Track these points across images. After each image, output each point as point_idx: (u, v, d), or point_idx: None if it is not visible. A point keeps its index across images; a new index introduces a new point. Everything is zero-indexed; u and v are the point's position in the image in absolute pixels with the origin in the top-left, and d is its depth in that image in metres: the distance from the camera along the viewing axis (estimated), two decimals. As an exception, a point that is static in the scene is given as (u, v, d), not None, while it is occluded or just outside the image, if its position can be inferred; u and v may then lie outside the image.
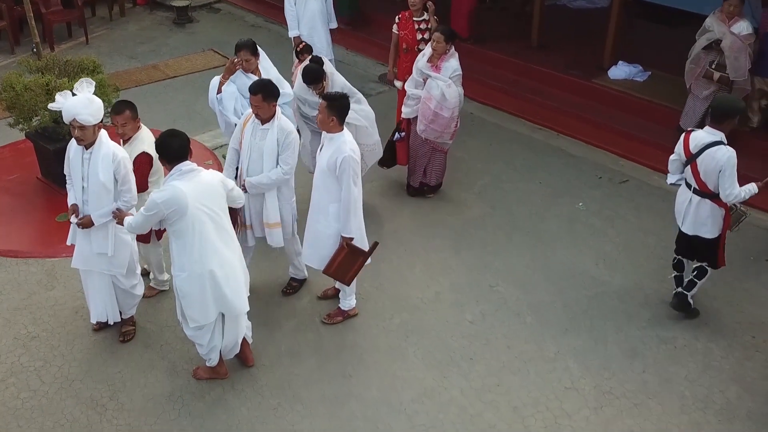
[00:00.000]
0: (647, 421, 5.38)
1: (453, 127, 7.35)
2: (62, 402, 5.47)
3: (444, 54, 7.14)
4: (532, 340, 6.11)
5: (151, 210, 4.90)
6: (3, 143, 8.87)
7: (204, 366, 5.63)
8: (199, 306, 5.14)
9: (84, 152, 5.44)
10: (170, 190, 4.87)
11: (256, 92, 5.68)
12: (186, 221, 4.90)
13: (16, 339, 6.03)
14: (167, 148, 4.94)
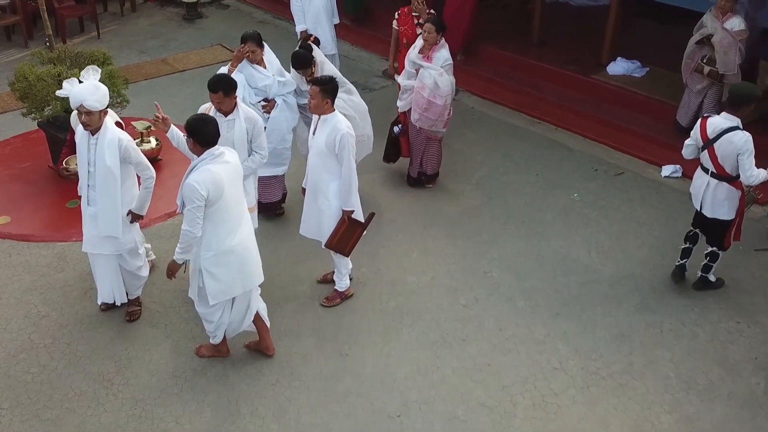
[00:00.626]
0: (631, 400, 5.58)
1: (446, 115, 7.58)
2: (70, 377, 5.72)
3: (435, 45, 7.38)
4: (523, 323, 6.32)
5: (197, 199, 5.00)
6: (16, 133, 9.15)
7: (207, 344, 5.86)
8: (225, 283, 5.34)
9: (90, 138, 5.67)
10: (209, 175, 5.02)
11: (217, 89, 5.77)
12: (220, 203, 5.10)
13: (27, 318, 6.29)
14: (204, 134, 5.10)
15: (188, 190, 5.01)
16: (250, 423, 5.34)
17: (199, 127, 5.10)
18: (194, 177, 5.02)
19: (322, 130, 5.86)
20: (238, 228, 5.31)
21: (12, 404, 5.47)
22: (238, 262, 5.34)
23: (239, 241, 5.31)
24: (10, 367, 5.79)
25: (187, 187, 5.02)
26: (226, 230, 5.23)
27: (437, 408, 5.49)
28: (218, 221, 5.17)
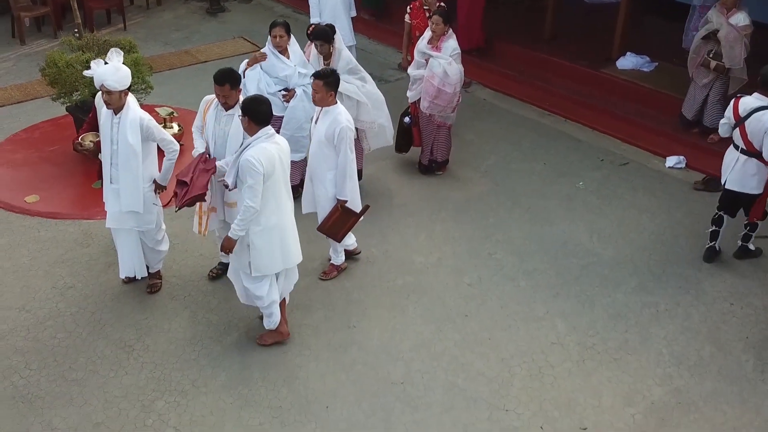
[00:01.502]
0: (625, 373, 5.86)
1: (455, 102, 7.90)
2: (94, 342, 6.08)
3: (443, 35, 7.70)
4: (524, 301, 6.61)
5: (256, 173, 5.27)
6: (44, 118, 9.56)
7: (267, 332, 6.09)
8: (269, 257, 5.63)
9: (113, 117, 6.01)
10: (264, 152, 5.33)
11: (224, 82, 5.90)
12: (270, 181, 5.40)
13: (54, 288, 6.66)
14: (259, 113, 5.37)
15: (247, 166, 5.29)
16: (261, 387, 5.67)
17: (254, 107, 5.39)
18: (251, 153, 5.31)
19: (324, 121, 6.17)
20: (284, 207, 5.62)
21: (40, 365, 5.85)
22: (280, 238, 5.63)
23: (283, 218, 5.62)
24: (39, 332, 6.17)
25: (246, 162, 5.29)
26: (273, 207, 5.52)
27: (438, 377, 5.80)
28: (268, 197, 5.45)
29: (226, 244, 5.61)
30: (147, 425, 5.35)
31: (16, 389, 5.64)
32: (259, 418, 5.42)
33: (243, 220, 5.43)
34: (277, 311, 5.94)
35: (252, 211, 5.39)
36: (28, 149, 8.86)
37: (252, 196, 5.35)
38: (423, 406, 5.55)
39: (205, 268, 6.89)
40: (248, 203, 5.37)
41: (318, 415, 5.45)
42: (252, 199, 5.35)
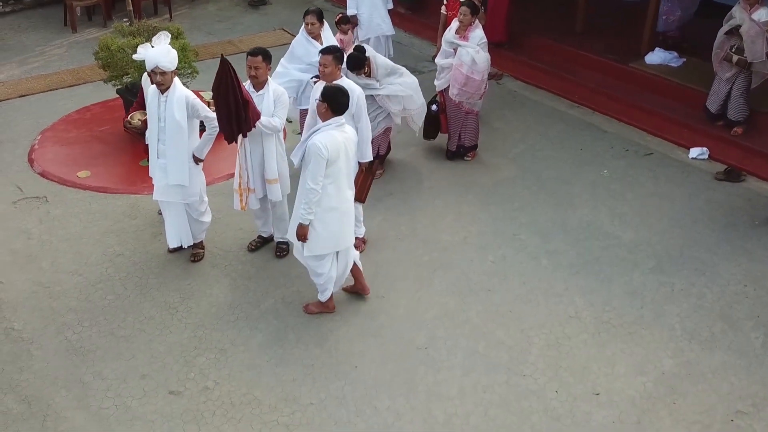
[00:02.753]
0: (638, 346, 6.18)
1: (483, 89, 8.26)
2: (141, 304, 6.55)
3: (470, 25, 8.09)
4: (545, 278, 6.94)
5: (320, 158, 5.60)
6: (95, 101, 10.12)
7: (315, 302, 6.49)
8: (324, 239, 5.99)
9: (160, 96, 6.46)
10: (331, 138, 5.66)
11: (257, 54, 6.36)
12: (334, 166, 5.76)
13: (105, 255, 7.15)
14: (338, 103, 5.70)
15: (313, 150, 5.64)
16: (295, 348, 6.09)
17: (336, 96, 5.72)
18: (319, 138, 5.66)
19: None
20: (344, 193, 5.98)
21: (91, 323, 6.33)
22: (338, 223, 6.00)
23: (343, 204, 5.98)
24: (90, 293, 6.65)
25: (313, 146, 5.65)
26: (333, 192, 5.86)
27: (460, 343, 6.17)
28: (329, 183, 5.80)
29: (299, 231, 5.91)
30: (189, 378, 5.80)
31: (70, 343, 6.13)
32: (293, 375, 5.83)
33: (307, 203, 5.78)
34: (330, 288, 6.30)
35: (314, 194, 5.73)
36: (79, 129, 9.40)
37: (314, 178, 5.69)
38: (445, 369, 5.93)
39: (245, 240, 7.33)
40: (310, 185, 5.71)
41: (347, 374, 5.85)
42: (314, 181, 5.69)
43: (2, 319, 6.37)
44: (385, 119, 7.94)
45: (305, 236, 5.92)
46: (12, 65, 11.36)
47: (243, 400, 5.61)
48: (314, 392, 5.69)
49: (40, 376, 5.83)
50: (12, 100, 10.18)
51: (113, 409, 5.55)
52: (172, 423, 5.42)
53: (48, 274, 6.88)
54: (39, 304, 6.53)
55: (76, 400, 5.62)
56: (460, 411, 5.55)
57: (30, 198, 8.00)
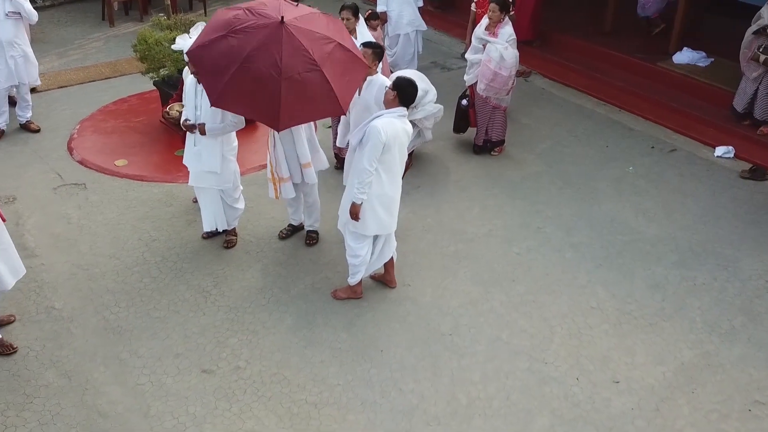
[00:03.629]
0: (658, 336, 6.30)
1: (510, 84, 8.42)
2: (176, 287, 6.79)
3: (499, 22, 8.26)
4: (569, 270, 7.08)
5: (378, 141, 5.79)
6: (132, 93, 10.41)
7: (343, 288, 6.69)
8: (369, 220, 6.18)
9: (197, 85, 6.67)
10: (391, 126, 5.86)
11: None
12: (389, 153, 5.97)
13: (141, 240, 7.40)
14: (408, 94, 5.96)
15: (374, 131, 5.82)
16: (324, 331, 6.29)
17: (406, 87, 5.95)
18: (380, 122, 5.85)
19: (369, 90, 6.72)
20: (395, 180, 6.19)
21: (128, 304, 6.57)
22: (385, 207, 6.21)
23: (392, 190, 6.19)
24: (127, 276, 6.90)
25: (373, 128, 5.83)
26: (384, 178, 6.06)
27: (484, 331, 6.34)
28: (384, 168, 6.01)
29: (353, 209, 6.10)
30: (221, 358, 6.02)
31: (108, 322, 6.38)
32: (321, 357, 6.03)
33: (361, 183, 5.97)
34: (361, 272, 6.49)
35: (368, 174, 5.92)
36: (117, 119, 9.69)
37: (369, 159, 5.89)
38: (468, 354, 6.10)
39: (276, 228, 7.55)
40: (365, 166, 5.91)
41: (373, 357, 6.05)
42: (369, 164, 5.90)
43: (43, 298, 6.63)
44: (416, 137, 8.14)
45: (357, 215, 6.12)
46: (52, 57, 11.69)
47: (273, 380, 5.82)
48: (341, 374, 5.89)
49: (80, 352, 6.08)
50: (52, 90, 10.50)
51: (149, 385, 5.78)
52: (205, 399, 5.65)
53: (87, 257, 7.15)
54: (78, 285, 6.79)
55: (113, 375, 5.86)
56: (482, 395, 5.72)
57: (69, 185, 8.28)
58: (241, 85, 5.86)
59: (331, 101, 5.97)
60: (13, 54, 8.86)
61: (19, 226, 7.51)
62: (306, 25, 6.02)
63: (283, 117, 5.83)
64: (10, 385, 5.75)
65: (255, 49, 5.81)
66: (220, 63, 5.88)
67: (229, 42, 5.88)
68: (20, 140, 9.19)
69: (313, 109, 6.05)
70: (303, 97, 5.89)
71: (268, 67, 5.77)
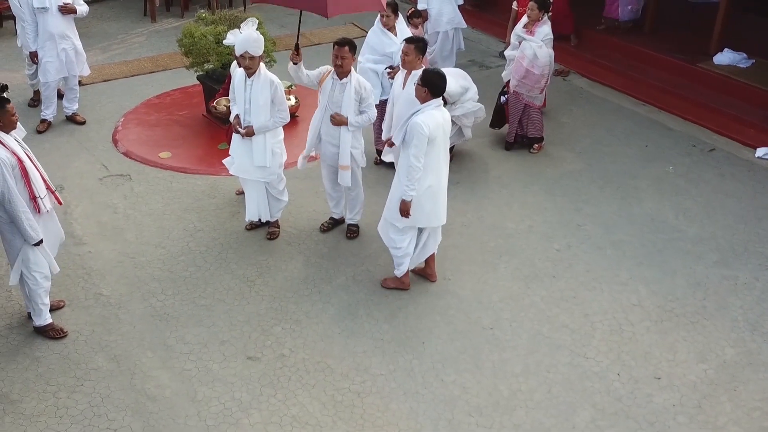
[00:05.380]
0: (700, 334, 6.31)
1: (543, 83, 8.53)
2: (220, 276, 6.91)
3: (537, 21, 8.37)
4: (609, 268, 7.10)
5: (422, 136, 5.88)
6: (175, 87, 10.58)
7: (392, 277, 6.78)
8: (417, 212, 6.27)
9: (246, 80, 6.80)
10: (431, 118, 5.97)
11: (344, 44, 6.63)
12: (433, 145, 6.05)
13: (186, 230, 7.53)
14: (438, 87, 6.01)
15: (415, 128, 5.92)
16: (366, 322, 6.38)
17: (435, 80, 6.00)
18: (420, 118, 5.95)
19: (412, 84, 6.69)
20: (441, 170, 6.28)
21: (174, 292, 6.70)
22: (433, 198, 6.30)
23: (438, 181, 6.28)
24: (173, 265, 7.03)
25: (415, 125, 5.94)
26: (431, 169, 6.16)
27: (525, 325, 6.38)
28: (428, 160, 6.08)
29: (403, 206, 6.19)
30: (266, 345, 6.12)
31: (154, 309, 6.51)
32: (363, 347, 6.12)
33: (411, 180, 6.05)
34: (406, 263, 6.56)
35: (417, 171, 6.02)
36: (160, 112, 9.85)
37: (416, 156, 5.98)
38: (509, 348, 6.15)
39: (318, 221, 7.64)
40: (414, 163, 6.00)
41: (414, 348, 6.12)
42: (417, 159, 5.99)
43: (92, 285, 6.78)
44: (455, 135, 8.23)
45: (408, 211, 6.19)
46: (96, 51, 11.89)
47: (317, 368, 5.91)
48: (384, 364, 5.96)
49: (128, 338, 6.21)
50: (96, 83, 10.69)
51: (195, 370, 5.90)
52: (251, 386, 5.75)
53: (133, 246, 7.29)
54: (125, 273, 6.94)
55: (160, 360, 5.99)
56: (524, 387, 5.77)
57: (115, 175, 8.44)
58: None
59: None
60: (65, 47, 9.05)
61: (67, 214, 7.67)
62: None
63: (331, 3, 6.41)
64: (61, 367, 5.90)
65: None
66: None
67: None
68: (66, 131, 9.38)
69: None
70: None
71: None
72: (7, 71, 10.97)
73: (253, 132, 6.80)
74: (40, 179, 5.85)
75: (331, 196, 7.46)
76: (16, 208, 5.57)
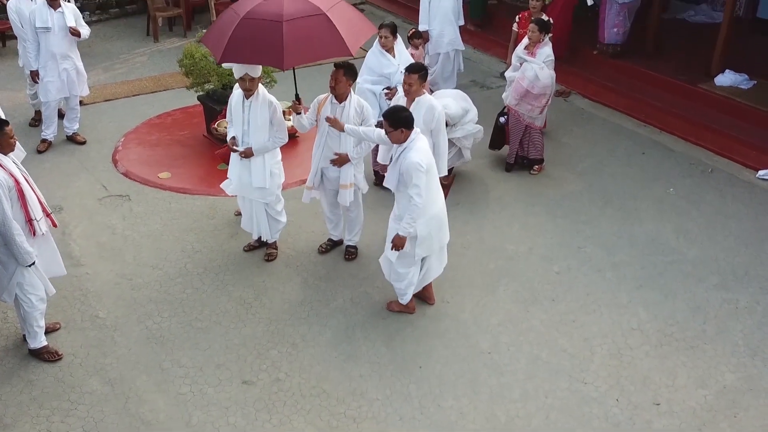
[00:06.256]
0: (699, 359, 6.25)
1: (543, 103, 8.53)
2: (218, 298, 6.87)
3: (539, 42, 8.36)
4: (609, 290, 7.05)
5: (420, 173, 5.81)
6: (176, 107, 10.60)
7: (396, 300, 6.68)
8: (429, 241, 6.24)
9: (245, 101, 6.79)
10: (422, 151, 5.88)
11: (339, 67, 6.58)
12: (429, 173, 6.02)
13: (184, 251, 7.51)
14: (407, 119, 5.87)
15: (413, 168, 5.79)
16: (363, 345, 6.33)
17: (400, 116, 5.88)
18: (413, 156, 5.83)
19: (416, 111, 6.71)
20: (439, 195, 6.27)
21: (170, 314, 6.67)
22: (438, 224, 6.28)
23: (439, 207, 6.25)
24: (170, 287, 7.01)
25: (412, 165, 5.80)
26: (432, 197, 6.14)
27: (524, 349, 6.33)
28: (427, 192, 6.03)
29: (397, 241, 6.11)
30: (262, 369, 6.08)
31: (150, 332, 6.47)
32: (360, 371, 6.07)
33: (413, 218, 5.98)
34: (410, 293, 6.51)
35: (420, 209, 5.95)
36: (161, 132, 9.87)
37: (419, 194, 5.92)
38: (508, 372, 6.09)
39: (316, 242, 7.61)
40: (417, 201, 5.92)
41: (412, 372, 6.07)
42: (419, 197, 5.92)
43: (88, 306, 6.76)
44: (455, 156, 8.28)
45: (402, 245, 6.13)
46: (98, 71, 11.93)
47: (312, 392, 5.86)
48: (380, 388, 5.91)
49: (123, 361, 6.18)
50: (98, 103, 10.72)
51: (190, 394, 5.85)
52: (246, 410, 5.70)
53: (131, 267, 7.27)
54: (122, 294, 6.91)
55: (155, 384, 5.94)
56: (522, 413, 5.71)
57: (114, 196, 8.44)
58: (243, 36, 6.25)
59: (337, 43, 6.24)
60: (66, 67, 9.09)
61: (65, 235, 7.66)
62: None
63: (287, 55, 6.11)
64: (56, 390, 5.86)
65: (256, 6, 6.36)
66: (224, 27, 6.47)
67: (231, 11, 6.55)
68: (67, 151, 9.39)
69: (318, 48, 6.28)
70: (307, 38, 6.20)
71: (270, 15, 6.22)
72: (9, 90, 11.02)
73: (252, 153, 6.79)
74: (36, 202, 5.85)
75: (329, 219, 7.44)
76: (11, 231, 5.56)
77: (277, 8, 6.27)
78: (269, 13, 6.25)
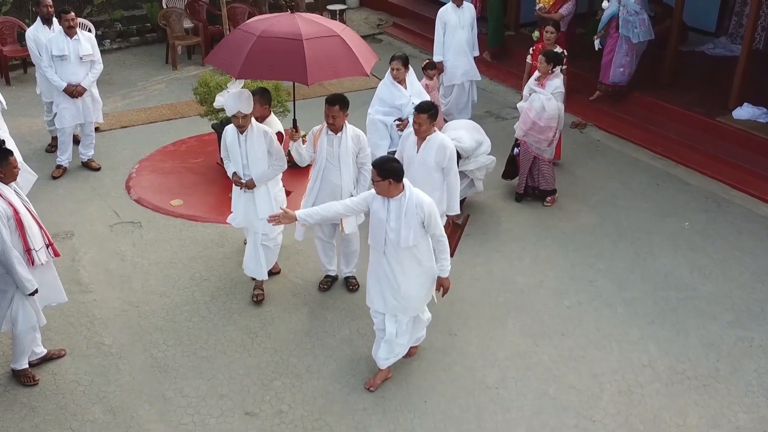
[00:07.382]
0: (712, 399, 6.11)
1: (550, 136, 8.46)
2: (223, 327, 6.84)
3: (548, 74, 8.31)
4: (620, 326, 6.93)
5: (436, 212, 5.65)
6: (190, 135, 10.64)
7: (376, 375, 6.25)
8: None
9: (239, 136, 6.72)
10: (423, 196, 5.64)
11: (334, 103, 6.54)
12: None
13: (192, 279, 7.50)
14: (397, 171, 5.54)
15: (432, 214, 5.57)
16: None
17: (390, 167, 5.54)
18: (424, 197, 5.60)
19: (428, 149, 6.68)
20: None
21: (175, 343, 6.64)
22: None
23: None
24: (176, 315, 6.98)
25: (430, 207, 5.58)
26: None
27: (531, 385, 6.22)
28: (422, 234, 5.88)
29: (446, 284, 5.97)
30: (265, 400, 6.02)
31: (155, 360, 6.44)
32: (364, 404, 5.99)
33: (447, 256, 5.88)
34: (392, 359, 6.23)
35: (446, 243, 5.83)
36: (174, 160, 9.91)
37: (443, 233, 5.77)
38: (514, 408, 5.99)
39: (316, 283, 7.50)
40: (442, 239, 5.77)
41: (417, 407, 5.98)
42: (444, 235, 5.78)
43: (94, 333, 6.74)
44: (467, 187, 8.28)
45: (448, 287, 6.02)
46: (116, 98, 12.03)
47: (315, 425, 5.79)
48: (384, 423, 5.83)
49: (126, 389, 6.14)
50: (114, 130, 10.80)
51: (192, 425, 5.80)
52: (247, 442, 5.64)
53: (138, 294, 7.26)
54: (128, 322, 6.89)
55: (158, 414, 5.90)
56: (527, 450, 5.60)
57: (125, 222, 8.46)
58: (261, 53, 6.36)
59: (353, 62, 6.49)
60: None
61: (75, 261, 7.68)
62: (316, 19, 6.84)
63: (311, 71, 6.22)
64: (57, 418, 5.83)
65: (269, 26, 6.52)
66: (236, 45, 6.54)
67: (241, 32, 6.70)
68: (81, 177, 9.45)
69: (338, 66, 6.47)
70: (326, 55, 6.39)
71: (288, 34, 6.38)
72: (28, 117, 11.13)
73: (254, 184, 6.77)
74: (37, 231, 5.85)
75: (324, 252, 7.34)
76: (11, 259, 5.57)
77: (293, 28, 6.45)
78: (287, 33, 6.40)
